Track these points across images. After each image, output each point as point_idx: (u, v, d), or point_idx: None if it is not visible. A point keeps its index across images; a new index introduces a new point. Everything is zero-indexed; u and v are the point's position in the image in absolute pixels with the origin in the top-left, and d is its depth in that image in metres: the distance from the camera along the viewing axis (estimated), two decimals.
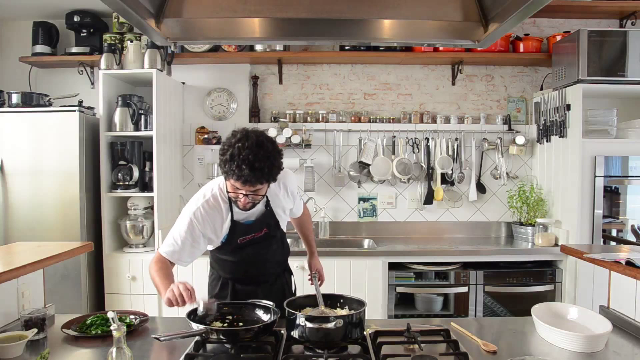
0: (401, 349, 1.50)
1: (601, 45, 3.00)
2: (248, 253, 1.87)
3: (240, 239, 1.84)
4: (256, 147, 1.55)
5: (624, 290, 1.76)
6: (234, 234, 1.82)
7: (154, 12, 1.44)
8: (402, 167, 3.54)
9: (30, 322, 1.58)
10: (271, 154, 1.59)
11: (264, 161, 1.55)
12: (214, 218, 1.78)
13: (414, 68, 3.74)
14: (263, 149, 1.56)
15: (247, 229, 1.84)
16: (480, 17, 1.50)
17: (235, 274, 1.95)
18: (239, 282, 1.95)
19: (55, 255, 1.83)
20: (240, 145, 1.55)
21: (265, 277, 1.97)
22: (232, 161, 1.55)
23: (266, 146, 1.58)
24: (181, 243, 1.76)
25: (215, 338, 1.44)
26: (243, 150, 1.54)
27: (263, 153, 1.56)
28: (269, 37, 1.69)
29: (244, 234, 1.83)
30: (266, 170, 1.57)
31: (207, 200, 1.78)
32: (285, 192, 1.93)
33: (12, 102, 3.15)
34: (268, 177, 1.60)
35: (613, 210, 3.17)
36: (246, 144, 1.55)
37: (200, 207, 1.77)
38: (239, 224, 1.81)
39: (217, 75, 3.69)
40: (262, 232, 1.87)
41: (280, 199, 1.91)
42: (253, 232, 1.85)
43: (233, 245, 1.84)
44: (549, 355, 1.46)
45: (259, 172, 1.55)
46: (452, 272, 3.09)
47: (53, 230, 3.06)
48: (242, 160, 1.53)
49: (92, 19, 3.45)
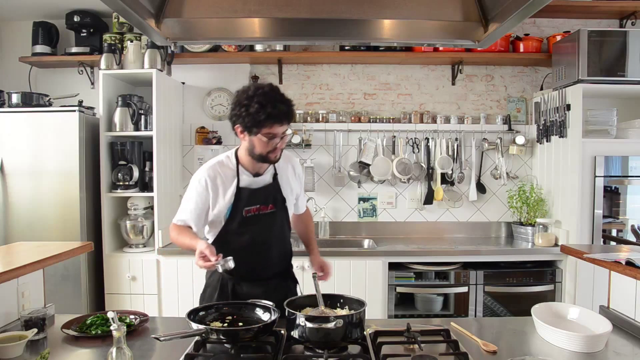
0: (401, 349, 1.50)
1: (601, 45, 3.00)
2: (253, 232, 1.83)
3: (246, 210, 1.81)
4: (273, 90, 1.70)
5: (624, 290, 1.76)
6: (239, 202, 1.81)
7: (154, 12, 1.44)
8: (402, 167, 3.54)
9: (30, 322, 1.58)
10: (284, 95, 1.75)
11: (287, 100, 1.72)
12: (218, 183, 1.82)
13: (414, 68, 3.74)
14: (278, 92, 1.73)
15: (253, 197, 1.82)
16: (480, 17, 1.50)
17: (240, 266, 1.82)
18: (241, 279, 1.88)
19: (55, 255, 1.83)
20: (261, 91, 1.67)
21: (268, 274, 1.90)
22: (264, 107, 1.65)
23: (276, 90, 1.73)
24: (190, 208, 1.84)
25: (215, 338, 1.44)
26: (268, 93, 1.67)
27: (281, 94, 1.73)
28: (269, 37, 1.69)
29: (249, 203, 1.82)
30: (292, 108, 1.74)
31: (212, 167, 1.86)
32: (292, 172, 1.98)
33: (12, 102, 3.15)
34: (292, 115, 1.75)
35: (613, 210, 3.17)
36: (266, 89, 1.68)
37: (205, 173, 1.84)
38: (245, 190, 1.82)
39: (217, 75, 3.69)
40: (268, 208, 1.86)
41: (289, 177, 1.95)
42: (259, 203, 1.84)
43: (238, 219, 1.81)
44: (549, 355, 1.46)
45: (290, 109, 1.72)
46: (452, 272, 3.09)
47: (53, 230, 3.06)
48: (275, 100, 1.66)
49: (92, 19, 3.45)
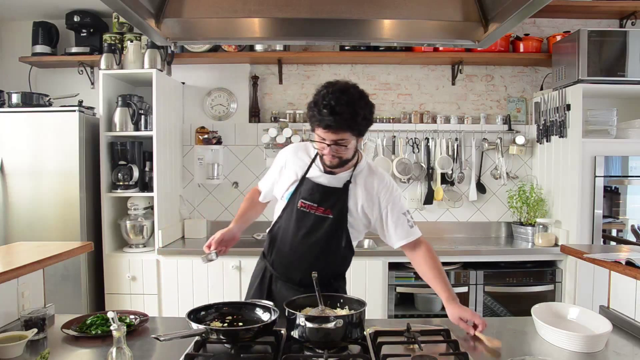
0: (401, 349, 1.49)
1: (601, 45, 3.00)
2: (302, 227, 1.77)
3: (302, 202, 1.76)
4: (340, 92, 1.59)
5: (624, 290, 1.76)
6: (299, 192, 1.78)
7: (154, 12, 1.44)
8: (402, 167, 3.54)
9: (30, 322, 1.58)
10: (355, 101, 1.60)
11: (345, 106, 1.57)
12: (294, 161, 1.84)
13: (414, 68, 3.74)
14: (347, 95, 1.59)
15: (313, 192, 1.76)
16: (480, 17, 1.50)
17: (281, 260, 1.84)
18: (279, 276, 1.85)
19: (55, 255, 1.83)
20: (325, 91, 1.61)
21: (304, 281, 1.76)
22: (315, 107, 1.60)
23: (350, 93, 1.61)
24: (270, 173, 1.94)
25: (215, 338, 1.43)
26: (327, 96, 1.59)
27: (346, 98, 1.58)
28: (269, 37, 1.69)
29: (307, 197, 1.76)
30: (348, 117, 1.58)
31: (299, 144, 1.93)
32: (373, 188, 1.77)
33: (12, 102, 3.15)
34: (350, 124, 1.60)
35: (613, 210, 3.17)
36: (330, 90, 1.60)
37: (297, 145, 1.92)
38: (308, 181, 1.78)
39: (217, 75, 3.69)
40: (324, 212, 1.75)
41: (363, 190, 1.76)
42: (316, 202, 1.75)
43: (291, 209, 1.79)
44: (549, 355, 1.46)
45: (340, 117, 1.57)
46: (452, 272, 3.09)
47: (53, 230, 3.06)
48: (324, 105, 1.57)
49: (92, 19, 3.45)
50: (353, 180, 1.77)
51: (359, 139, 1.70)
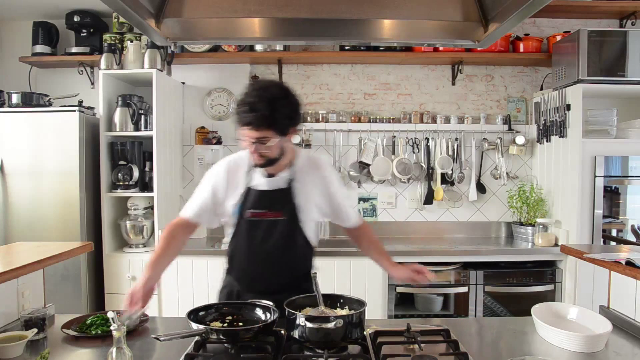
0: (401, 349, 1.49)
1: (601, 45, 3.00)
2: (256, 238, 1.75)
3: (251, 212, 1.74)
4: (261, 90, 1.60)
5: (624, 290, 1.76)
6: (246, 202, 1.75)
7: (154, 12, 1.44)
8: (402, 167, 3.54)
9: (30, 322, 1.58)
10: (276, 99, 1.59)
11: (265, 104, 1.56)
12: (233, 176, 1.79)
13: (414, 68, 3.74)
14: (267, 92, 1.59)
15: (259, 199, 1.74)
16: (480, 17, 1.50)
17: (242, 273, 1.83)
18: (247, 290, 1.81)
19: (55, 255, 1.83)
20: (247, 91, 1.62)
21: (273, 288, 1.77)
22: (238, 107, 1.61)
23: (271, 90, 1.61)
24: (201, 197, 1.81)
25: (215, 338, 1.43)
26: (248, 95, 1.60)
27: (266, 96, 1.57)
28: (269, 37, 1.69)
29: (254, 205, 1.74)
30: (268, 114, 1.56)
31: (232, 159, 1.83)
32: (319, 179, 1.82)
33: (12, 102, 3.15)
34: (271, 122, 1.58)
35: (613, 210, 3.17)
36: (251, 89, 1.62)
37: (223, 162, 1.83)
38: (253, 191, 1.75)
39: (217, 75, 3.69)
40: (275, 216, 1.75)
41: (308, 183, 1.79)
42: (265, 209, 1.74)
43: (243, 221, 1.75)
44: (549, 355, 1.46)
45: (260, 115, 1.56)
46: (452, 272, 3.09)
47: (53, 230, 3.06)
48: (245, 104, 1.58)
49: (92, 19, 3.45)
50: (295, 177, 1.78)
51: (286, 138, 1.67)
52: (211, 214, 1.82)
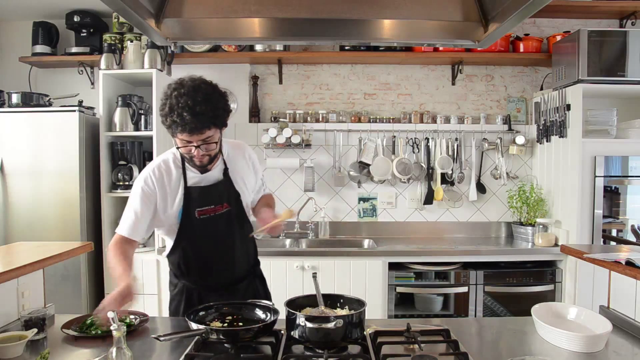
0: (401, 349, 1.49)
1: (601, 45, 3.00)
2: (211, 236, 1.74)
3: (199, 211, 1.71)
4: (193, 91, 1.54)
5: (624, 290, 1.76)
6: (190, 203, 1.70)
7: (154, 12, 1.44)
8: (402, 167, 3.54)
9: (30, 322, 1.58)
10: (211, 95, 1.58)
11: (204, 103, 1.54)
12: (165, 182, 1.71)
13: (414, 68, 3.74)
14: (201, 92, 1.55)
15: (204, 196, 1.72)
16: (480, 17, 1.50)
17: (201, 274, 1.79)
18: (206, 288, 1.81)
19: (55, 255, 1.83)
20: (177, 93, 1.54)
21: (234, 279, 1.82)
22: (172, 113, 1.53)
23: (203, 89, 1.57)
24: (138, 214, 1.70)
25: (215, 338, 1.43)
26: (180, 97, 1.52)
27: (202, 95, 1.54)
28: (269, 37, 1.69)
29: (201, 203, 1.71)
30: (210, 114, 1.55)
31: (157, 166, 1.74)
32: (244, 161, 1.86)
33: (12, 102, 3.15)
34: (214, 120, 1.58)
35: (613, 210, 3.17)
36: (182, 91, 1.54)
37: (149, 173, 1.72)
38: (194, 189, 1.71)
39: (217, 75, 3.66)
40: (223, 208, 1.75)
41: (241, 168, 1.83)
42: (212, 204, 1.73)
43: (192, 222, 1.71)
44: (549, 355, 1.46)
45: (202, 116, 1.53)
46: (452, 272, 3.09)
47: (53, 230, 3.06)
48: (182, 108, 1.51)
49: (92, 19, 3.45)
50: (227, 164, 1.80)
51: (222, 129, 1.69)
52: (146, 229, 1.75)
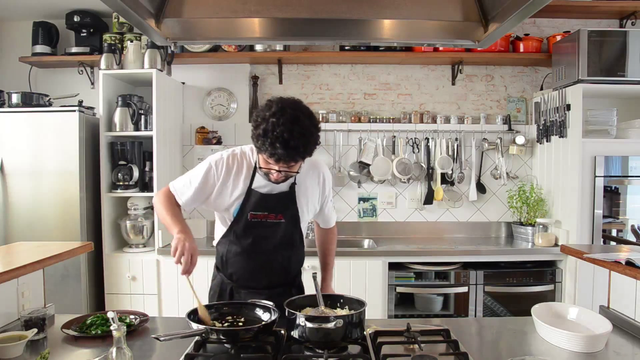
0: (401, 349, 1.49)
1: (601, 45, 3.00)
2: (255, 238, 1.75)
3: (252, 214, 1.72)
4: (291, 123, 1.46)
5: (624, 290, 1.76)
6: (247, 203, 1.71)
7: (154, 12, 1.44)
8: (402, 167, 3.54)
9: (30, 322, 1.58)
10: (307, 129, 1.50)
11: (299, 139, 1.47)
12: (232, 175, 1.72)
13: (414, 68, 3.74)
14: (299, 125, 1.47)
15: (262, 202, 1.72)
16: (480, 17, 1.49)
17: (240, 271, 1.80)
18: (242, 286, 1.82)
19: (55, 255, 1.82)
20: (275, 120, 1.46)
21: (269, 284, 1.82)
22: (265, 137, 1.47)
23: (302, 122, 1.49)
24: (193, 185, 1.74)
25: (215, 338, 1.43)
26: (277, 127, 1.45)
27: (298, 130, 1.47)
28: (269, 37, 1.68)
29: (257, 207, 1.72)
30: (301, 149, 1.50)
31: (234, 154, 1.75)
32: (317, 182, 1.83)
33: (12, 102, 3.15)
34: (303, 154, 1.54)
35: (613, 210, 3.17)
36: (281, 120, 1.46)
37: (225, 159, 1.74)
38: (255, 192, 1.71)
39: (217, 75, 3.69)
40: (276, 218, 1.74)
41: (308, 186, 1.80)
42: (267, 211, 1.73)
43: (243, 221, 1.73)
44: (549, 355, 1.46)
45: (294, 151, 1.48)
46: (452, 272, 3.09)
47: (53, 230, 3.06)
48: (276, 138, 1.45)
49: (92, 19, 3.45)
50: (297, 180, 1.76)
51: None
52: (190, 200, 1.78)
